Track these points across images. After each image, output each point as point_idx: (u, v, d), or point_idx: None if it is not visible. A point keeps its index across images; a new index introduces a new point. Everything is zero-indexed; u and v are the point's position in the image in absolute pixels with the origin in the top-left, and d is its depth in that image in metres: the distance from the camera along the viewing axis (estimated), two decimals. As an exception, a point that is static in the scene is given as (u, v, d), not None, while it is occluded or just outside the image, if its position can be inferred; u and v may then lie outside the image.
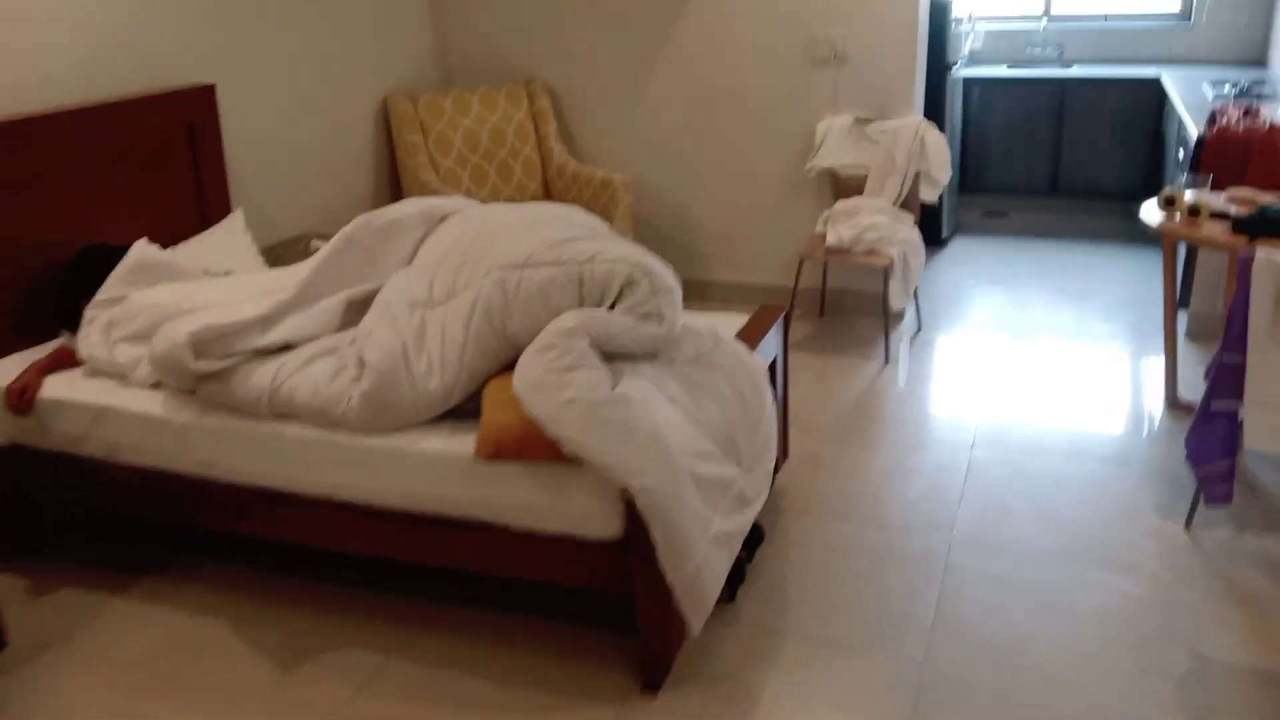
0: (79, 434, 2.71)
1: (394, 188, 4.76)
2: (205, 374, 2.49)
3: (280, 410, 2.47)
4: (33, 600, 2.75)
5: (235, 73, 3.74)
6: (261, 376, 2.47)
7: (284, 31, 3.99)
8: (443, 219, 2.79)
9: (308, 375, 2.45)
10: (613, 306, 2.31)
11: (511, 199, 4.72)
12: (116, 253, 2.98)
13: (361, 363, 2.41)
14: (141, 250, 2.88)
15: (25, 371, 2.75)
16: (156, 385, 2.65)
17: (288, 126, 4.05)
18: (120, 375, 2.72)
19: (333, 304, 2.62)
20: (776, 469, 2.78)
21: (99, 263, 2.94)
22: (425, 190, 4.38)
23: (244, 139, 3.82)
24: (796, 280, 4.30)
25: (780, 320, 2.87)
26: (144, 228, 3.32)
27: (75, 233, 3.10)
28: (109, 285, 2.83)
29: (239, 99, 3.78)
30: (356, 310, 2.68)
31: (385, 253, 2.71)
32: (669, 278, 2.33)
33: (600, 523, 2.16)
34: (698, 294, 4.91)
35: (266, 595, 2.73)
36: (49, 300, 2.96)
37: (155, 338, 2.54)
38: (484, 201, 4.60)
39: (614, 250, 2.35)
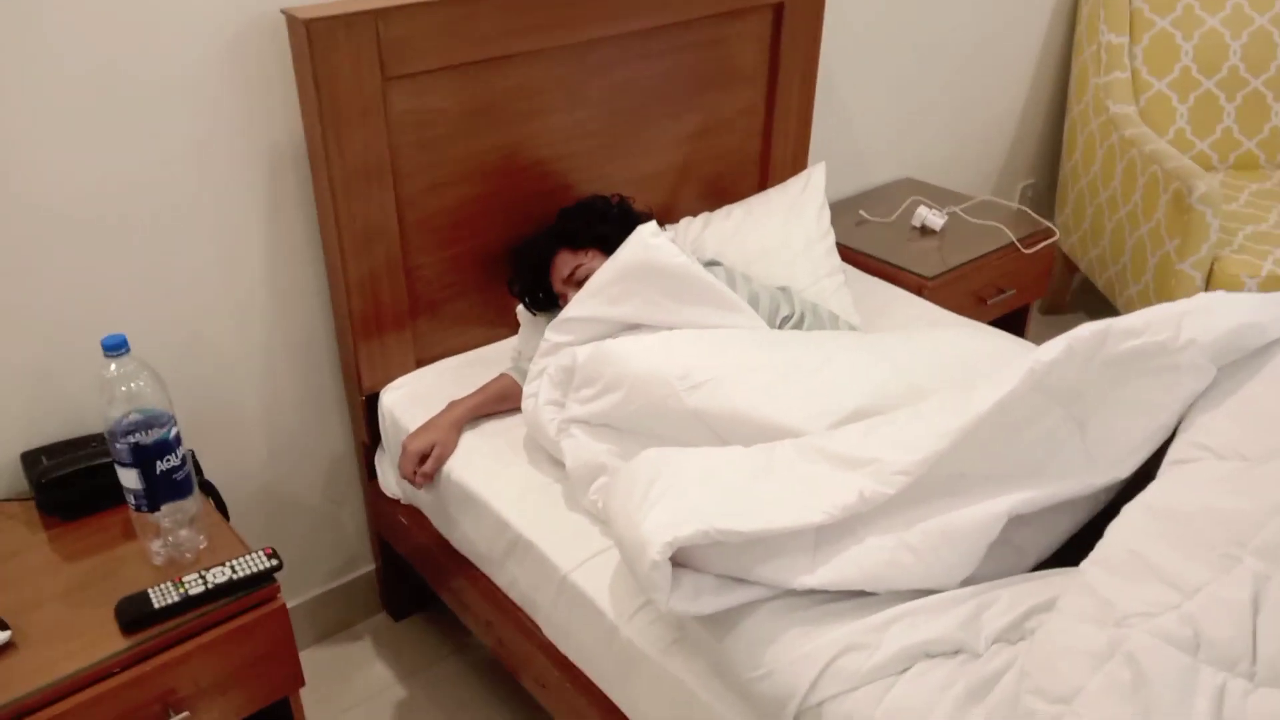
0: (486, 554, 1.62)
1: (1054, 122, 3.08)
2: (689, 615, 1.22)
3: (814, 742, 1.14)
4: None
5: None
6: (796, 664, 1.13)
7: None
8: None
9: (895, 707, 1.06)
10: None
11: (1247, 165, 2.80)
12: (629, 220, 1.76)
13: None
14: (649, 245, 1.60)
15: (438, 421, 1.68)
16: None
17: (915, 19, 2.53)
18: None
19: (977, 525, 1.17)
20: None
21: (596, 230, 1.74)
22: (1110, 131, 2.65)
23: (842, 42, 2.39)
24: None
25: None
26: (672, 177, 2.08)
27: (573, 176, 1.93)
28: (590, 292, 1.62)
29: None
30: (1025, 529, 1.21)
31: (1112, 410, 1.19)
32: None
33: None
34: None
35: None
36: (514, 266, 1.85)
37: (613, 502, 1.30)
38: (1213, 166, 2.75)
39: None
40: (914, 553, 1.16)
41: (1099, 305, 3.00)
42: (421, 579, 1.89)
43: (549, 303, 1.81)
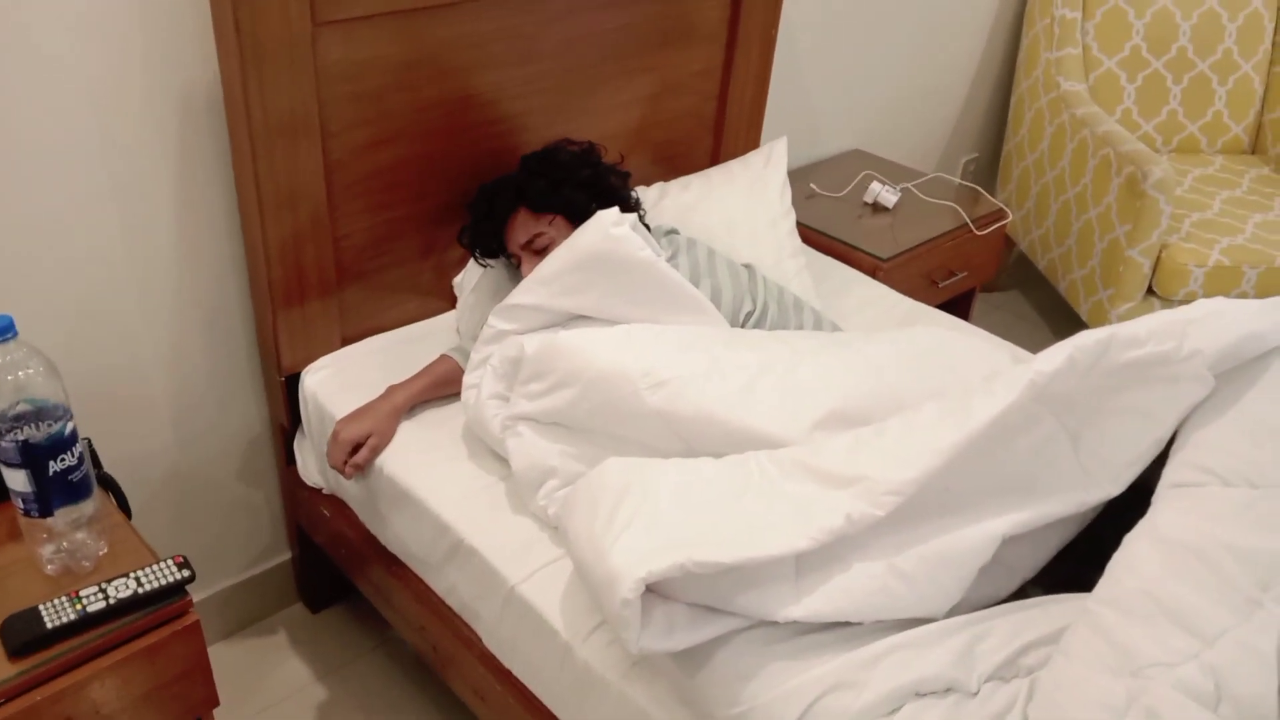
0: (422, 557, 1.49)
1: (1000, 95, 3.01)
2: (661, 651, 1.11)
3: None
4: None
5: None
6: (776, 702, 1.04)
7: None
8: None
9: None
10: None
11: (1189, 149, 2.80)
12: (600, 185, 1.62)
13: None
14: (610, 236, 1.46)
15: (376, 407, 1.53)
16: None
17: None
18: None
19: (972, 548, 1.09)
20: None
21: (563, 195, 1.59)
22: (1060, 109, 2.59)
23: (799, 5, 2.27)
24: None
25: None
26: (624, 141, 1.94)
27: (521, 137, 1.78)
28: (541, 279, 1.48)
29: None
30: (1015, 547, 1.14)
31: (1107, 420, 1.13)
32: None
33: None
34: None
35: None
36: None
37: (574, 520, 1.18)
38: (1157, 149, 2.73)
39: None
40: (906, 580, 1.07)
41: (1035, 283, 2.98)
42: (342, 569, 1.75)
43: (503, 254, 1.66)
